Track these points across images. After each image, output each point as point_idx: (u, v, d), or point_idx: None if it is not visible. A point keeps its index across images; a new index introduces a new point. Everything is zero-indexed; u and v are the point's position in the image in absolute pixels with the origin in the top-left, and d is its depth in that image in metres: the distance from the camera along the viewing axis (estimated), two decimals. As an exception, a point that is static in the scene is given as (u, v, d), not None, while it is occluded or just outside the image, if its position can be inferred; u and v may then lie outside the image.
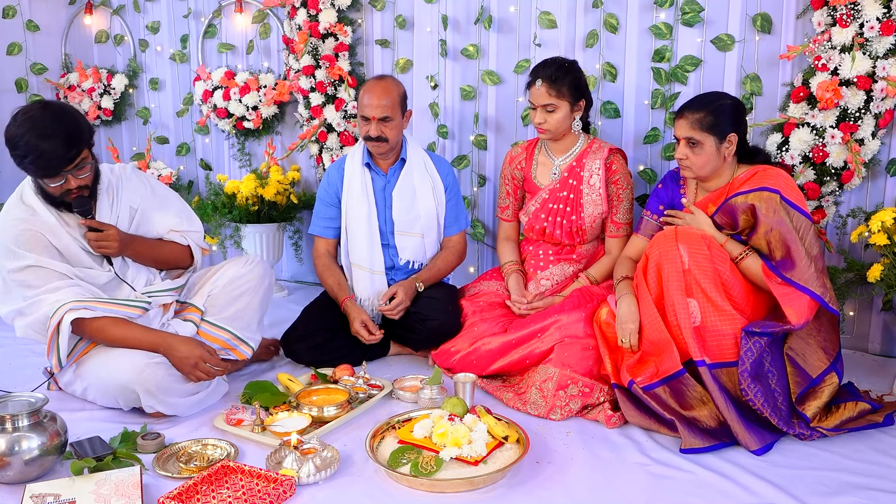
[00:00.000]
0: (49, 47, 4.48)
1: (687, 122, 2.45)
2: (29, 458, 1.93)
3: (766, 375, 2.27)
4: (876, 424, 2.32)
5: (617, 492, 1.96)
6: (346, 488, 1.96)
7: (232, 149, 4.34)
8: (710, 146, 2.43)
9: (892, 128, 2.86)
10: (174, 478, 1.99)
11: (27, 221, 2.33)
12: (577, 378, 2.45)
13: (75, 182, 2.29)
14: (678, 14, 3.12)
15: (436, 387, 2.46)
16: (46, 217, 2.35)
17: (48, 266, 2.31)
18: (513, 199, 3.08)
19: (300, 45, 3.74)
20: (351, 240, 2.98)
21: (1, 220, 2.37)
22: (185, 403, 2.36)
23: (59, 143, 2.19)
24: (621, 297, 2.49)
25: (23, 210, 2.36)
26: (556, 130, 2.82)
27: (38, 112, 2.22)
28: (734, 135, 2.44)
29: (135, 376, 2.25)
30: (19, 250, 2.29)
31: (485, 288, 3.00)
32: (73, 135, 2.23)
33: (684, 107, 2.49)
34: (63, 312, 2.23)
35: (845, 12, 2.71)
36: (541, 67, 2.79)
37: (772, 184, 2.37)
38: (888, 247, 2.56)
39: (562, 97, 2.75)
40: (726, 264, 2.37)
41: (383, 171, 3.00)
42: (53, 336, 2.25)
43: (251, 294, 2.67)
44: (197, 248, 2.69)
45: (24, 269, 2.29)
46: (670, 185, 2.71)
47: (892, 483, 1.99)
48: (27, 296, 2.30)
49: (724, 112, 2.43)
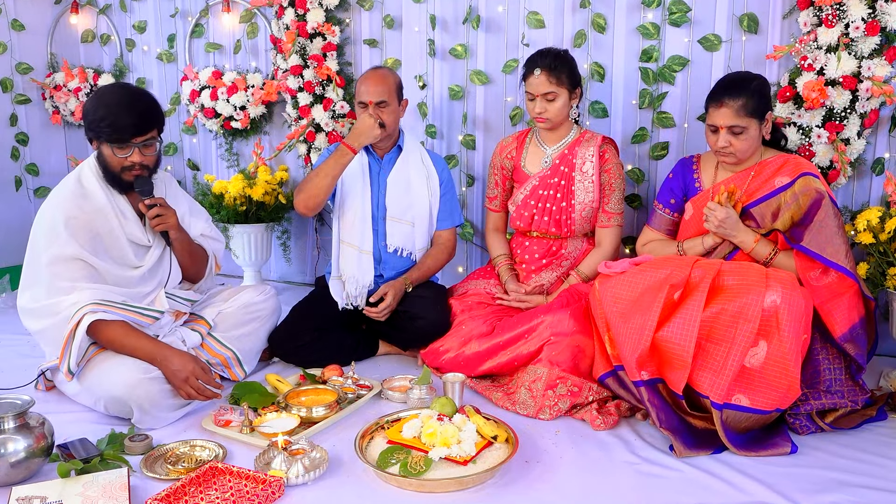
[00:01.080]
0: (34, 47, 4.44)
1: (730, 109, 2.42)
2: (15, 461, 1.91)
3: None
4: (869, 419, 2.34)
5: (606, 491, 1.96)
6: (335, 489, 1.96)
7: (220, 149, 4.32)
8: (754, 129, 2.44)
9: (877, 127, 2.88)
10: (162, 479, 1.97)
11: (80, 205, 2.39)
12: (567, 377, 2.45)
13: (140, 157, 2.38)
14: (665, 14, 3.14)
15: (425, 387, 2.45)
16: (100, 199, 2.41)
17: (87, 261, 2.35)
18: (501, 190, 3.09)
19: (288, 45, 3.73)
20: (343, 217, 2.98)
21: (54, 196, 2.42)
22: (174, 416, 2.35)
23: (137, 113, 2.34)
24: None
25: (78, 190, 2.42)
26: (556, 118, 2.83)
27: (119, 87, 2.49)
28: (771, 112, 2.47)
29: (129, 391, 2.24)
30: (65, 234, 2.33)
31: (473, 287, 3.00)
32: (150, 110, 2.39)
33: (719, 94, 2.45)
34: (82, 315, 2.24)
35: (831, 13, 2.73)
36: (538, 57, 2.80)
37: (808, 169, 2.42)
38: (874, 245, 2.59)
39: (561, 84, 2.77)
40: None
41: (379, 157, 3.01)
42: (69, 339, 2.25)
43: (260, 322, 2.77)
44: (213, 260, 2.78)
45: (63, 258, 2.32)
46: (681, 173, 2.71)
47: (880, 480, 2.00)
48: (50, 290, 2.32)
49: (761, 93, 2.44)
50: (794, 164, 2.46)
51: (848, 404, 2.29)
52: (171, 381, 2.30)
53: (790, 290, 2.16)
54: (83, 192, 2.41)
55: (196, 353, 2.56)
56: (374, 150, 3.00)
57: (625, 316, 2.32)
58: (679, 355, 2.19)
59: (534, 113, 2.83)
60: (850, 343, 2.25)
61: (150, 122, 2.37)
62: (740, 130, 2.43)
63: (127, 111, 2.32)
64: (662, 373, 2.28)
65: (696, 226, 2.62)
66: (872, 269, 2.59)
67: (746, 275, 2.22)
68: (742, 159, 2.51)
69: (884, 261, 2.58)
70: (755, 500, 1.91)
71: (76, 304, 2.27)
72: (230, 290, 2.82)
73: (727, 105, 2.42)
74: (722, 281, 2.24)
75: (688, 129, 3.18)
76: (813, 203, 2.36)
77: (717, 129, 2.46)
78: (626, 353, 2.29)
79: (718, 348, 2.16)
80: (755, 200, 2.47)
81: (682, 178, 2.70)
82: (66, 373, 2.29)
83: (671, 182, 2.73)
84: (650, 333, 2.23)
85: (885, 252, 2.58)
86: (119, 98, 2.36)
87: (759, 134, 2.46)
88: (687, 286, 2.27)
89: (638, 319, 2.27)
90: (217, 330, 2.66)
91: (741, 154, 2.48)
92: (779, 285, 2.15)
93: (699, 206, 2.60)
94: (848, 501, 1.89)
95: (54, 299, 2.31)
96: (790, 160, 2.49)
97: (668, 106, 3.21)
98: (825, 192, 2.37)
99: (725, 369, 2.14)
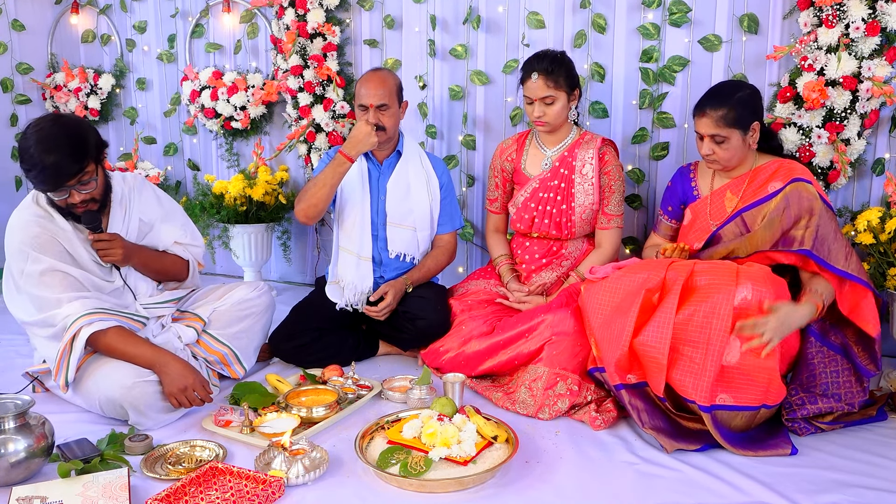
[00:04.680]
0: (35, 47, 4.45)
1: (710, 119, 2.43)
2: (15, 461, 1.91)
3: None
4: (869, 419, 2.34)
5: (606, 491, 1.96)
6: (335, 489, 1.96)
7: (220, 149, 4.32)
8: (736, 139, 2.44)
9: (877, 128, 2.88)
10: (162, 479, 1.98)
11: (42, 225, 2.35)
12: (567, 375, 2.45)
13: (79, 196, 2.29)
14: (665, 14, 3.14)
15: (425, 387, 2.45)
16: (60, 221, 2.38)
17: (64, 270, 2.32)
18: (501, 192, 3.09)
19: (288, 45, 3.73)
20: (342, 224, 2.98)
21: (15, 219, 2.38)
22: (170, 419, 2.35)
23: (62, 158, 2.19)
24: None
25: (39, 213, 2.38)
26: (555, 122, 2.83)
27: (46, 125, 2.23)
28: (757, 123, 2.46)
29: (125, 393, 2.24)
30: (34, 252, 2.30)
31: (473, 287, 3.00)
32: (78, 149, 2.23)
33: (703, 104, 2.47)
34: (78, 327, 2.24)
35: (831, 13, 2.73)
36: (535, 61, 2.79)
37: (801, 174, 2.41)
38: (874, 246, 2.59)
39: (559, 88, 2.76)
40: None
41: (378, 163, 3.01)
42: (65, 353, 2.25)
43: (255, 318, 2.76)
44: (195, 263, 2.74)
45: (40, 273, 2.29)
46: (679, 182, 2.72)
47: (878, 480, 2.01)
48: (41, 306, 2.29)
49: (746, 104, 2.44)
50: (787, 170, 2.45)
51: (845, 408, 2.29)
52: (168, 388, 2.28)
53: (760, 284, 2.16)
54: (43, 214, 2.37)
55: (192, 350, 2.58)
56: (374, 155, 3.00)
57: (606, 322, 2.35)
58: (655, 358, 2.21)
59: (532, 117, 2.83)
60: (878, 343, 2.30)
61: (78, 162, 2.23)
62: (721, 140, 2.44)
63: (52, 157, 2.17)
64: (646, 376, 2.30)
65: (694, 231, 2.63)
66: (873, 269, 2.60)
67: (717, 273, 2.22)
68: (728, 167, 2.53)
69: (884, 261, 2.59)
70: (755, 500, 1.91)
71: (70, 317, 2.26)
72: (224, 287, 2.80)
73: (708, 115, 2.44)
74: (695, 281, 2.25)
75: (688, 130, 3.18)
76: (803, 210, 2.34)
77: (702, 136, 2.49)
78: (606, 358, 2.33)
79: (696, 351, 2.17)
80: (748, 205, 2.47)
81: (681, 187, 2.72)
82: (62, 386, 2.29)
83: (669, 191, 2.76)
84: (627, 339, 2.26)
85: (885, 252, 2.58)
86: (44, 144, 2.18)
87: (742, 144, 2.46)
88: (663, 289, 2.28)
89: (617, 325, 2.30)
90: (213, 327, 2.65)
91: (725, 162, 2.49)
92: (749, 281, 2.16)
93: (697, 211, 2.63)
94: (848, 501, 1.89)
95: (47, 313, 2.29)
96: (784, 165, 2.48)
97: (668, 106, 3.21)
98: (816, 198, 2.34)
99: (706, 372, 2.14)
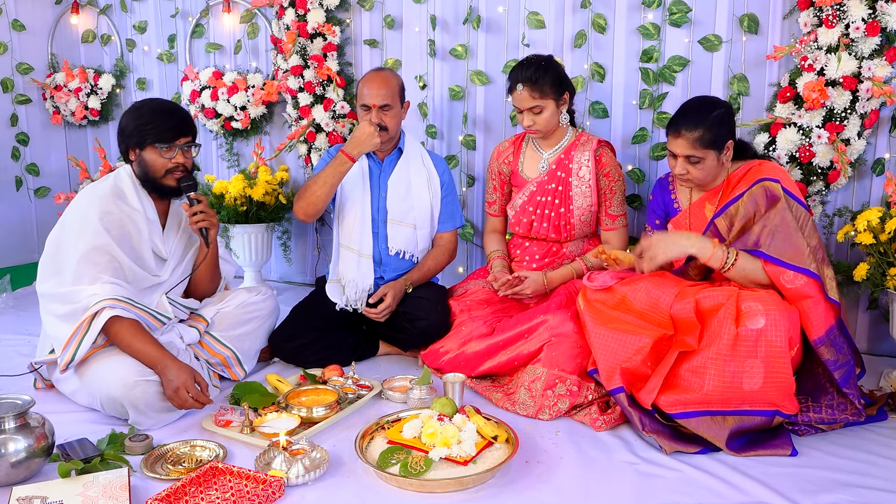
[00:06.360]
0: (35, 47, 4.45)
1: (686, 140, 2.38)
2: (15, 461, 1.91)
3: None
4: (870, 419, 2.34)
5: (606, 491, 1.96)
6: (335, 489, 1.96)
7: (220, 149, 4.32)
8: (711, 160, 2.40)
9: (877, 128, 2.88)
10: (162, 479, 1.98)
11: (117, 204, 2.45)
12: (566, 376, 2.45)
13: (183, 158, 2.48)
14: (666, 14, 3.14)
15: (425, 387, 2.45)
16: (134, 202, 2.49)
17: (114, 255, 2.39)
18: (500, 195, 3.09)
19: (288, 45, 3.73)
20: (343, 221, 2.98)
21: (89, 193, 2.47)
22: (170, 419, 2.35)
23: (178, 117, 2.49)
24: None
25: (114, 190, 2.48)
26: (546, 128, 2.82)
27: (156, 99, 2.58)
28: (731, 141, 2.43)
29: (126, 391, 2.24)
30: (99, 226, 2.37)
31: (473, 287, 3.00)
32: (188, 117, 2.54)
33: (678, 124, 2.41)
34: (101, 307, 2.27)
35: (831, 13, 2.73)
36: (519, 71, 2.76)
37: (769, 174, 2.38)
38: (874, 246, 2.59)
39: (546, 96, 2.74)
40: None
41: (379, 160, 3.01)
42: (80, 329, 2.27)
43: (259, 322, 2.78)
44: (224, 283, 2.85)
45: (93, 248, 2.35)
46: (659, 195, 2.71)
47: (878, 480, 2.00)
48: (76, 278, 2.34)
49: (722, 123, 2.39)
50: (755, 171, 2.42)
51: (849, 418, 2.28)
52: (165, 387, 2.29)
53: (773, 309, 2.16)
54: (119, 193, 2.48)
55: (194, 351, 2.58)
56: (375, 152, 3.00)
57: (607, 345, 2.36)
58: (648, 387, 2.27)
59: (523, 125, 2.83)
60: (825, 347, 2.21)
61: (190, 125, 2.51)
62: (697, 160, 2.40)
63: (169, 116, 2.47)
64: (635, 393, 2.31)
65: None
66: (872, 269, 2.59)
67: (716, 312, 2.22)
68: (702, 185, 2.51)
69: (884, 261, 2.58)
70: (755, 500, 1.91)
71: (96, 296, 2.29)
72: (228, 290, 2.83)
73: (683, 136, 2.38)
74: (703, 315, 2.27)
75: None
76: (767, 206, 2.33)
77: (676, 155, 2.44)
78: (602, 369, 2.35)
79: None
80: (717, 212, 2.45)
81: (662, 200, 2.71)
82: (64, 365, 2.29)
83: (653, 204, 2.74)
84: (623, 366, 2.30)
85: (885, 252, 2.58)
86: (159, 105, 2.51)
87: (717, 163, 2.42)
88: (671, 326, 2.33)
89: (615, 345, 2.34)
90: (216, 329, 2.66)
91: (699, 181, 2.46)
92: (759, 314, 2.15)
93: (679, 226, 2.61)
94: (848, 501, 1.89)
95: (77, 287, 2.33)
96: (753, 167, 2.45)
97: (668, 106, 3.21)
98: (781, 194, 2.31)
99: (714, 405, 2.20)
